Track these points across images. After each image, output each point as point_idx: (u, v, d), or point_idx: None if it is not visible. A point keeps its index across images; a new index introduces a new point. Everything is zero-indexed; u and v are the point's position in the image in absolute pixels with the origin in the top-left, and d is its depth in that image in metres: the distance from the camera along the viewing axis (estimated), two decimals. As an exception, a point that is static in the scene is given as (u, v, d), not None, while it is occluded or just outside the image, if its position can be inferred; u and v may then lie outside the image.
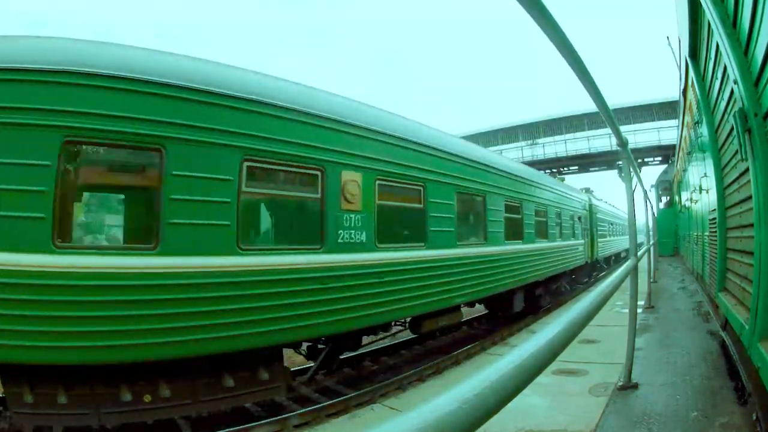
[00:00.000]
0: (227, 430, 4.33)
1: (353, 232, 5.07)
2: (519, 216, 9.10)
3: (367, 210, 5.28)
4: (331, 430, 4.21)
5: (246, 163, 4.16)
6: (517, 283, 8.72)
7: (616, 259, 24.31)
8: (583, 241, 14.33)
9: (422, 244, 6.14)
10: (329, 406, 5.05)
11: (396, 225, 5.91)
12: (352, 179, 5.06)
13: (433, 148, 6.45)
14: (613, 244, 22.04)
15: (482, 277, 7.39)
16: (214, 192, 3.93)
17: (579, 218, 14.03)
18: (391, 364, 7.20)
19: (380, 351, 7.76)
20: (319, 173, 4.78)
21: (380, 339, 6.99)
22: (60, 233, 3.34)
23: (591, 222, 15.92)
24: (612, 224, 21.76)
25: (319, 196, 4.80)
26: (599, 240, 17.26)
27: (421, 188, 6.18)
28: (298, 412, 4.86)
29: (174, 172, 3.74)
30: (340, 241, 4.90)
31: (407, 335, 8.95)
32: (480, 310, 10.05)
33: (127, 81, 3.57)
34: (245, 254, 4.09)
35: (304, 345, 5.88)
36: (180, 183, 3.76)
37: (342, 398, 5.27)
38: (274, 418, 4.67)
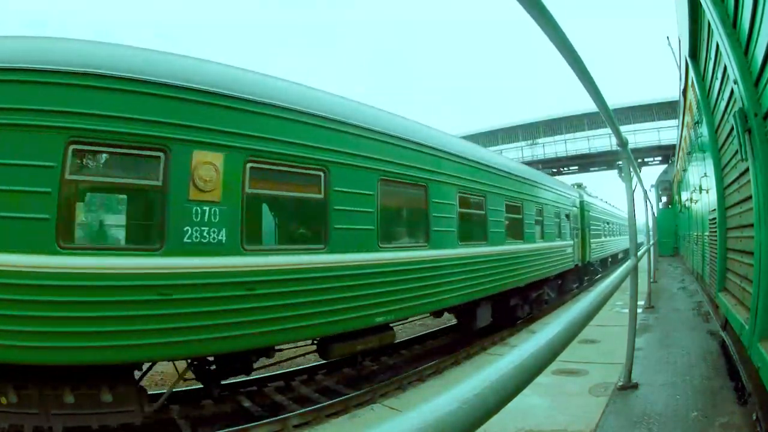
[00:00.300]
0: (227, 430, 4.34)
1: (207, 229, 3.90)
2: (482, 212, 7.60)
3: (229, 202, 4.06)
4: (331, 430, 4.21)
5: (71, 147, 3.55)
6: (479, 294, 7.19)
7: (613, 261, 23.27)
8: (572, 242, 12.82)
9: (322, 246, 4.70)
10: (329, 406, 5.05)
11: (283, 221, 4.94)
12: (204, 161, 3.92)
13: (337, 121, 4.95)
14: (609, 244, 20.78)
15: (423, 288, 5.88)
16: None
17: (567, 216, 12.59)
18: (391, 364, 7.21)
19: (380, 351, 7.76)
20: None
21: (275, 363, 5.65)
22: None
23: (582, 221, 14.66)
24: (608, 223, 20.52)
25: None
26: (593, 240, 15.85)
27: (323, 173, 4.75)
28: (298, 412, 4.87)
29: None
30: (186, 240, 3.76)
31: (406, 335, 8.96)
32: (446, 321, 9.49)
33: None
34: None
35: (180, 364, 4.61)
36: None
37: (342, 398, 5.28)
38: (274, 418, 4.68)
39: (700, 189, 6.37)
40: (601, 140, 28.92)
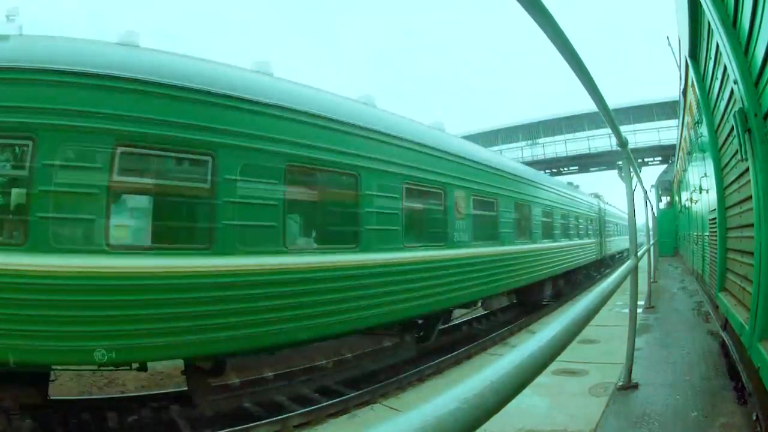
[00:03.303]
0: (227, 430, 4.33)
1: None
2: (549, 220, 11.08)
3: None
4: (331, 430, 4.21)
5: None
6: (543, 275, 10.27)
7: (619, 257, 25.57)
8: (595, 240, 16.90)
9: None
10: (329, 406, 5.05)
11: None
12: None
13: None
14: (617, 243, 24.17)
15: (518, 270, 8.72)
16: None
17: (591, 221, 16.36)
18: (391, 364, 7.20)
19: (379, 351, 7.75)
20: None
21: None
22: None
23: (600, 224, 18.08)
24: (616, 225, 23.75)
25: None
26: (607, 239, 19.58)
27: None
28: (298, 412, 4.86)
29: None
30: None
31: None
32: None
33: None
34: None
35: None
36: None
37: (342, 398, 5.27)
38: (274, 418, 4.67)
39: (700, 189, 6.36)
40: (601, 140, 28.93)
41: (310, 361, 5.83)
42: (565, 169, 31.33)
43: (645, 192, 9.54)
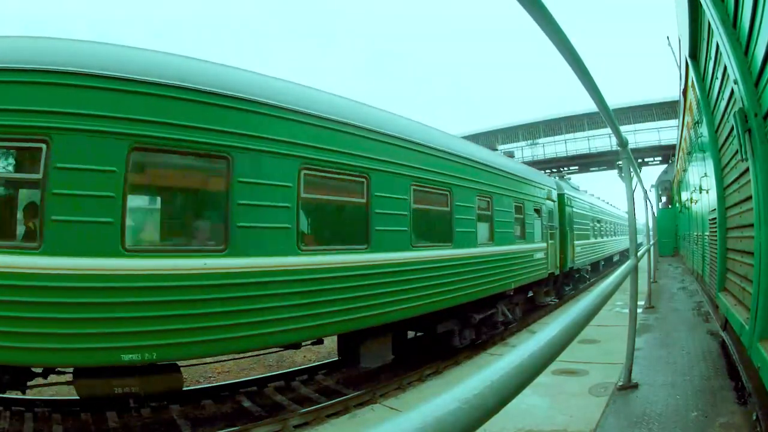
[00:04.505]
0: (227, 430, 4.34)
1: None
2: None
3: None
4: (331, 430, 4.22)
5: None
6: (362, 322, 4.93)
7: (607, 263, 21.19)
8: (543, 244, 10.18)
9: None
10: (329, 406, 5.05)
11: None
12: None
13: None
14: (601, 247, 18.23)
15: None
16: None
17: (537, 211, 10.12)
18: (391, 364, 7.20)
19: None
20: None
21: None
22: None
23: (563, 218, 12.13)
24: (599, 222, 17.87)
25: None
26: (578, 243, 13.41)
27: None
28: (299, 412, 4.87)
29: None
30: None
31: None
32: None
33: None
34: None
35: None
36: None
37: (342, 398, 5.28)
38: (274, 418, 4.68)
39: (700, 189, 6.37)
40: (601, 140, 28.94)
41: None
42: (565, 169, 31.34)
43: (645, 192, 9.55)
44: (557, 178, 14.27)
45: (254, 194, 4.04)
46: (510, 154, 11.37)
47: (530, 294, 10.37)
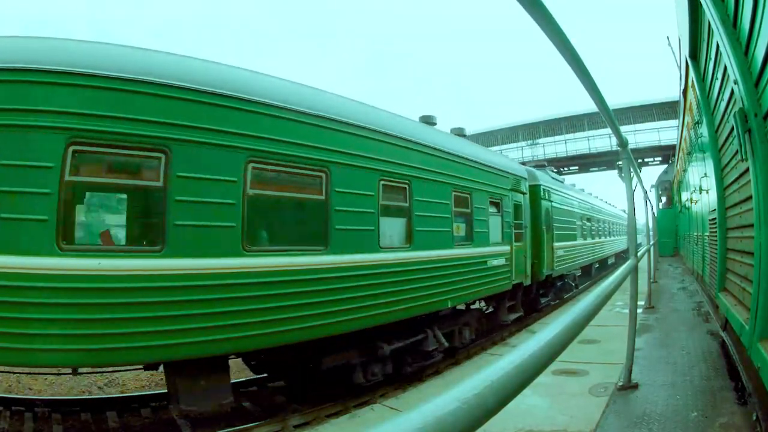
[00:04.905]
0: (227, 430, 4.34)
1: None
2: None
3: None
4: (331, 430, 4.21)
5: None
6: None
7: (602, 267, 19.09)
8: (505, 247, 8.20)
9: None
10: (329, 406, 5.05)
11: None
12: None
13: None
14: (594, 249, 15.72)
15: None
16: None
17: (496, 205, 8.10)
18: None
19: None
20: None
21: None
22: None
23: (537, 214, 10.05)
24: (589, 220, 15.46)
25: None
26: (560, 244, 11.22)
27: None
28: (299, 412, 4.87)
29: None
30: None
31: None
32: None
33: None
34: None
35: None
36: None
37: (342, 398, 5.27)
38: (274, 418, 4.68)
39: (700, 189, 6.37)
40: (601, 140, 28.94)
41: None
42: (566, 169, 31.35)
43: (645, 192, 9.55)
44: (534, 167, 11.81)
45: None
46: (459, 132, 8.40)
47: (490, 309, 8.54)
